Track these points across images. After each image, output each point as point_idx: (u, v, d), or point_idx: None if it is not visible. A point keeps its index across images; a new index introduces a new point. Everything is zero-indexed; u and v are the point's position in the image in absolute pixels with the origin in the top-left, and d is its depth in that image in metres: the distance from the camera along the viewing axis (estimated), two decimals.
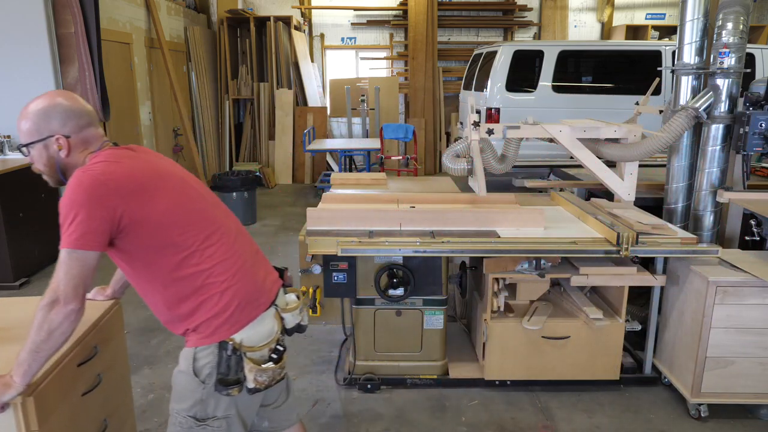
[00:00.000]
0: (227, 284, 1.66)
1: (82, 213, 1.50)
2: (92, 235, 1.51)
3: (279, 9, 9.72)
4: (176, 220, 1.61)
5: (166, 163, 1.74)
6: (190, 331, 1.69)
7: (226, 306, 1.65)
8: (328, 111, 9.46)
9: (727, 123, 3.24)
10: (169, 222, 1.60)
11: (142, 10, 6.94)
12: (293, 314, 1.85)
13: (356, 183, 4.01)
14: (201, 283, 1.63)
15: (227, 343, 1.64)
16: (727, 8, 3.17)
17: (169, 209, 1.61)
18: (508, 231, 2.94)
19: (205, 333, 1.66)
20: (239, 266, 1.70)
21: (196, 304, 1.64)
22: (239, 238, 1.77)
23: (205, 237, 1.65)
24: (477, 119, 3.05)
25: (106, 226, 1.52)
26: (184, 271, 1.62)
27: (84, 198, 1.51)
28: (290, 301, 1.87)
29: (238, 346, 1.65)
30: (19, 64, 4.95)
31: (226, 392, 1.65)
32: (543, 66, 6.56)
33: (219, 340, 1.65)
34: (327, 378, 3.26)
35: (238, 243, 1.75)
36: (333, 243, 2.79)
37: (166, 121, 7.72)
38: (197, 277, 1.63)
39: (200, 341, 1.67)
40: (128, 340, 3.70)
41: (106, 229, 1.53)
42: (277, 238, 5.96)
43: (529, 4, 9.86)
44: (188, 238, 1.62)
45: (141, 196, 1.57)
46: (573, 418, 2.91)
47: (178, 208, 1.63)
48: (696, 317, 2.80)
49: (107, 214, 1.52)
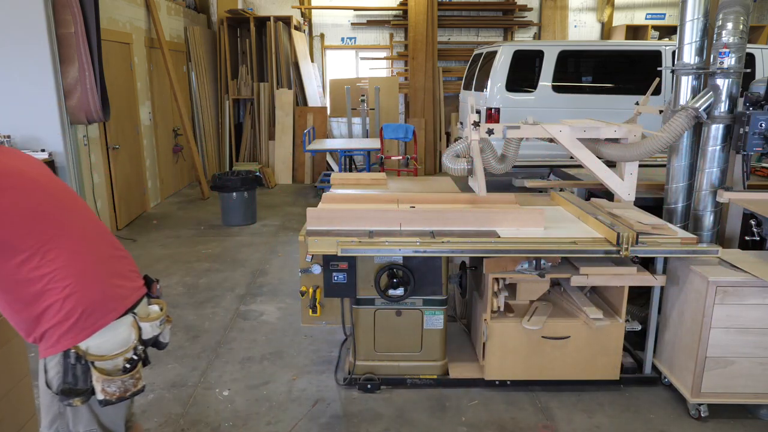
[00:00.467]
0: (70, 290, 1.59)
1: None
2: None
3: (279, 9, 9.72)
4: (13, 220, 1.54)
5: (20, 164, 1.67)
6: (38, 340, 1.63)
7: (70, 313, 1.59)
8: (328, 111, 9.46)
9: (727, 123, 3.24)
10: (5, 222, 1.53)
11: (142, 10, 6.94)
12: (152, 324, 1.77)
13: (356, 183, 4.01)
14: (42, 288, 1.58)
15: (70, 351, 1.59)
16: (727, 8, 3.17)
17: (4, 210, 1.54)
18: (508, 231, 2.94)
19: (51, 342, 1.60)
20: (86, 271, 1.64)
21: (40, 311, 1.59)
22: (94, 242, 1.72)
23: (46, 240, 1.58)
24: (477, 119, 3.05)
25: None
26: (23, 275, 1.56)
27: None
28: (152, 312, 1.80)
29: (83, 354, 1.59)
30: (19, 64, 4.95)
31: (67, 402, 1.60)
32: (543, 66, 6.56)
33: (63, 349, 1.59)
34: (327, 378, 3.26)
35: (88, 247, 1.69)
36: (333, 243, 2.79)
37: (166, 121, 7.72)
38: (37, 281, 1.57)
39: (47, 351, 1.62)
40: None
41: None
42: (277, 238, 5.96)
43: (529, 4, 9.86)
44: (26, 240, 1.56)
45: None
46: (573, 418, 2.91)
47: (15, 208, 1.56)
48: (696, 317, 2.80)
49: None
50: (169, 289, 4.56)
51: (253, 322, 3.98)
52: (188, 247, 5.63)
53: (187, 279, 4.79)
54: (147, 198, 7.04)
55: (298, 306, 4.12)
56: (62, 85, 5.12)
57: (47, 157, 5.02)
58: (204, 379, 3.27)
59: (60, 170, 5.17)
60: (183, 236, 6.01)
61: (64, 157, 5.16)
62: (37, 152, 5.02)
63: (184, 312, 4.14)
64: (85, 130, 5.50)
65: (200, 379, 3.27)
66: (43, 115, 5.07)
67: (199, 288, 4.60)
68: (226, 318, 4.05)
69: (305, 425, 2.84)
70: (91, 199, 5.58)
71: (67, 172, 5.21)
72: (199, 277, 4.83)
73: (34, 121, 5.07)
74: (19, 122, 5.05)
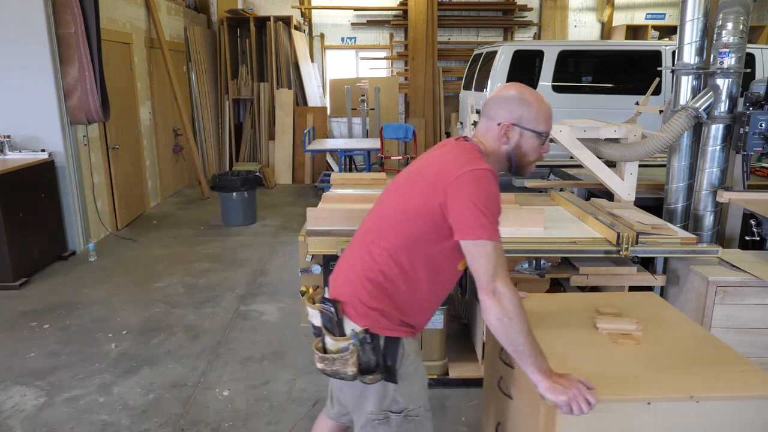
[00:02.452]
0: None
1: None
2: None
3: (279, 9, 9.72)
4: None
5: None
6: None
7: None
8: (328, 111, 9.46)
9: (727, 123, 3.24)
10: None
11: (142, 10, 6.94)
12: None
13: (356, 183, 4.01)
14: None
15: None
16: (727, 8, 3.17)
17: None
18: (508, 231, 2.94)
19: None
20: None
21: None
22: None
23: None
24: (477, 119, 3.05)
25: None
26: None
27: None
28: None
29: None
30: (19, 64, 4.95)
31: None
32: (543, 66, 6.56)
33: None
34: (327, 378, 3.25)
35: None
36: (333, 243, 2.79)
37: (166, 121, 7.72)
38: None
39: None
40: (128, 340, 3.71)
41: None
42: (277, 238, 5.96)
43: (529, 4, 9.86)
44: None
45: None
46: None
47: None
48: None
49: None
50: (169, 289, 4.56)
51: (253, 322, 3.99)
52: (188, 247, 5.63)
53: (187, 279, 4.79)
54: (147, 198, 7.04)
55: (298, 306, 4.12)
56: (62, 85, 5.12)
57: (47, 157, 5.02)
58: (204, 379, 3.27)
59: (60, 170, 5.17)
60: (183, 236, 6.01)
61: (64, 157, 5.17)
62: (37, 152, 5.03)
63: (184, 312, 4.14)
64: (85, 130, 5.50)
65: (200, 379, 3.27)
66: (43, 115, 5.07)
67: (199, 288, 4.60)
68: (226, 318, 4.05)
69: (305, 425, 2.84)
70: (91, 199, 5.58)
71: (67, 172, 5.21)
72: (199, 277, 4.83)
73: (34, 121, 5.08)
74: (19, 122, 5.05)
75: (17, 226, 4.58)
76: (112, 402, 3.03)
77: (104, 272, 4.94)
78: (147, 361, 3.46)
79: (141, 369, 3.37)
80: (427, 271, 1.65)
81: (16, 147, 5.04)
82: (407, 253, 1.63)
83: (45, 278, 4.79)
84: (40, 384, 3.20)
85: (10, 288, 4.50)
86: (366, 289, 1.65)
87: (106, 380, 3.24)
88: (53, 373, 3.31)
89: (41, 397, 3.08)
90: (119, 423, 2.86)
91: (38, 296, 4.41)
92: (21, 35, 4.90)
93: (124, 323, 3.96)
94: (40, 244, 4.92)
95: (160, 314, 4.10)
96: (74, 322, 3.96)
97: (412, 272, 1.64)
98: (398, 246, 1.63)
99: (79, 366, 3.39)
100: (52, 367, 3.37)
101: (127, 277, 4.82)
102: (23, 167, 4.70)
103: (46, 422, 2.86)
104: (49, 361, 3.45)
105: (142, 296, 4.42)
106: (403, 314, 1.66)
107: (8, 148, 4.96)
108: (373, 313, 1.63)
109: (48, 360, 3.46)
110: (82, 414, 2.93)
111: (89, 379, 3.26)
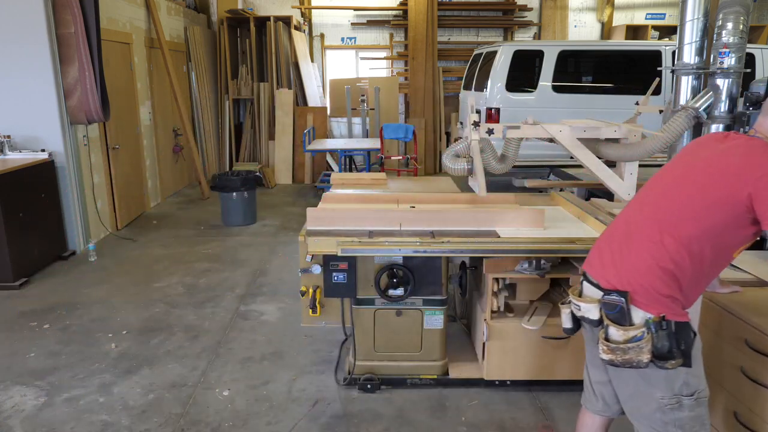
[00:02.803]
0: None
1: None
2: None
3: (279, 9, 9.72)
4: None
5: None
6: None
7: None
8: (328, 111, 9.46)
9: (727, 123, 3.24)
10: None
11: (142, 10, 6.94)
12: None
13: (356, 183, 4.01)
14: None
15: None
16: (727, 8, 3.17)
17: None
18: (508, 231, 2.94)
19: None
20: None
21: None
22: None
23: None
24: (477, 119, 3.05)
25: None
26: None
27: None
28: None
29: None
30: (19, 64, 4.95)
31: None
32: (543, 66, 6.56)
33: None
34: (327, 378, 3.26)
35: None
36: (333, 243, 2.79)
37: (166, 121, 7.72)
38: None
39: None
40: (128, 340, 3.71)
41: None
42: (277, 238, 5.96)
43: (529, 4, 9.86)
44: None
45: None
46: (573, 418, 2.90)
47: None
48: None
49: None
50: (169, 289, 4.56)
51: (253, 322, 3.99)
52: (188, 247, 5.63)
53: (187, 279, 4.79)
54: (147, 198, 7.04)
55: (298, 306, 4.12)
56: (62, 85, 5.12)
57: (47, 157, 5.02)
58: (204, 379, 3.27)
59: (60, 170, 5.17)
60: (183, 236, 6.01)
61: (64, 157, 5.17)
62: (37, 152, 5.03)
63: (184, 312, 4.14)
64: (85, 130, 5.50)
65: (200, 379, 3.27)
66: (43, 115, 5.07)
67: (199, 288, 4.60)
68: (226, 318, 4.05)
69: (305, 425, 2.84)
70: (91, 199, 5.58)
71: (67, 172, 5.22)
72: (199, 277, 4.83)
73: (34, 121, 5.08)
74: (19, 122, 5.05)
75: (17, 226, 4.58)
76: (112, 402, 3.03)
77: (104, 272, 4.94)
78: (147, 361, 3.46)
79: (141, 369, 3.37)
80: (712, 257, 1.77)
81: (16, 147, 5.04)
82: (701, 242, 1.74)
83: (45, 278, 4.79)
84: (40, 384, 3.20)
85: (10, 288, 4.50)
86: (659, 278, 1.76)
87: (106, 380, 3.24)
88: (53, 373, 3.32)
89: (41, 397, 3.08)
90: (119, 423, 2.86)
91: (38, 296, 4.42)
92: (21, 35, 4.91)
93: (124, 323, 3.96)
94: (40, 244, 4.92)
95: (160, 314, 4.10)
96: (74, 322, 3.96)
97: (699, 259, 1.75)
98: (695, 236, 1.74)
99: (79, 366, 3.39)
100: (52, 367, 3.37)
101: (127, 277, 4.82)
102: (23, 167, 4.70)
103: (46, 422, 2.86)
104: (49, 361, 3.45)
105: (142, 296, 4.42)
106: (686, 298, 1.78)
107: (8, 148, 4.96)
108: (665, 300, 1.75)
109: (48, 360, 3.46)
110: (82, 414, 2.93)
111: (89, 379, 3.26)
